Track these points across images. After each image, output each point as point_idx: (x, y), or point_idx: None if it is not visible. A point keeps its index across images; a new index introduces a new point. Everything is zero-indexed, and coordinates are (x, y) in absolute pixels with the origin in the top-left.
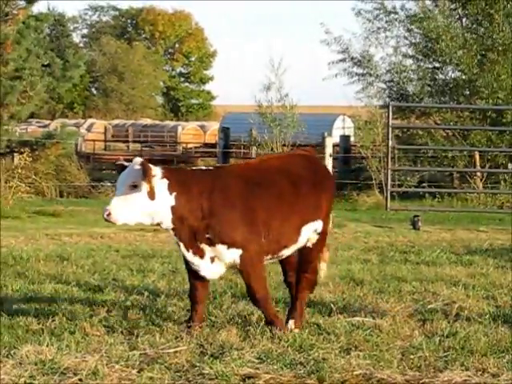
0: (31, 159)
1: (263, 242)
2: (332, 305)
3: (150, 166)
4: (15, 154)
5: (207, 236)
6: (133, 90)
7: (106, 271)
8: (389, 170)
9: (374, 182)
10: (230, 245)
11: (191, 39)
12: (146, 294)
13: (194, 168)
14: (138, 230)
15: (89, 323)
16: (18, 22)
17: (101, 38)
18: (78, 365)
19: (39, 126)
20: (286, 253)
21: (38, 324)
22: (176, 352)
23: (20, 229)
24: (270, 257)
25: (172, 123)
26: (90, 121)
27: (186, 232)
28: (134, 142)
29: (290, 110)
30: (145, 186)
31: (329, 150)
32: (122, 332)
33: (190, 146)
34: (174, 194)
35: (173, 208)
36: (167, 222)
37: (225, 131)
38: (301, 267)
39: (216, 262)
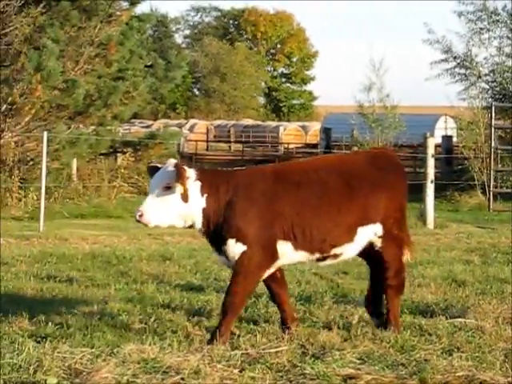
0: (134, 159)
1: (276, 252)
2: (434, 306)
3: (185, 167)
4: (118, 154)
5: (223, 233)
6: (235, 91)
7: (207, 271)
8: (491, 171)
9: (476, 182)
10: (238, 239)
11: (293, 40)
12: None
13: (228, 169)
14: None
15: (191, 323)
16: (121, 23)
17: (203, 39)
18: (180, 364)
19: (142, 127)
20: (338, 251)
21: (141, 323)
22: (277, 352)
23: (123, 228)
24: (318, 255)
25: (274, 123)
26: (192, 121)
27: (212, 233)
28: (236, 142)
29: (391, 110)
30: (179, 188)
31: (431, 150)
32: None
33: (291, 146)
34: (206, 195)
35: (204, 210)
36: (198, 224)
37: (326, 131)
38: (382, 275)
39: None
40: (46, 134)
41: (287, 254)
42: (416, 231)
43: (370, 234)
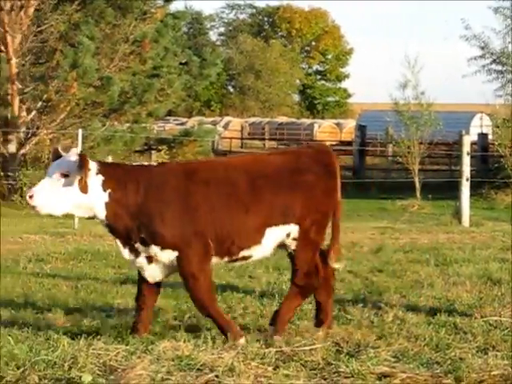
0: (168, 156)
1: (209, 244)
2: (469, 304)
3: (88, 159)
4: (153, 152)
5: (141, 236)
6: (269, 88)
7: (241, 268)
8: None
9: None
10: (164, 246)
11: (328, 37)
12: (282, 292)
13: (135, 164)
14: None
15: None
16: (155, 20)
17: (238, 36)
18: (215, 361)
19: (177, 124)
20: (247, 254)
21: (175, 320)
22: (312, 350)
23: None
24: (227, 258)
25: (308, 121)
26: (226, 119)
27: (121, 230)
28: (270, 139)
29: (427, 107)
30: (76, 178)
31: (466, 148)
32: (257, 329)
33: (325, 143)
34: (109, 190)
35: (107, 205)
36: (101, 217)
37: (361, 129)
38: (292, 274)
39: (154, 263)
40: (80, 131)
41: None
42: (451, 229)
43: (280, 235)
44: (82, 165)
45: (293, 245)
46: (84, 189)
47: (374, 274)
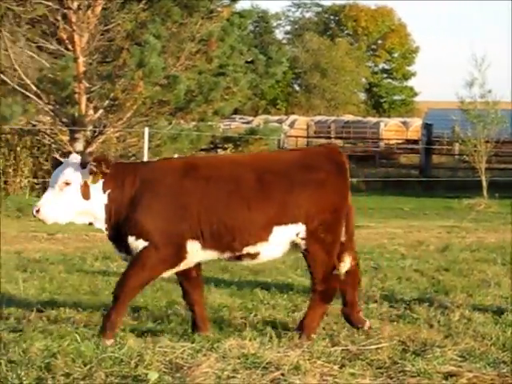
0: None
1: (183, 248)
2: None
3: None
4: (219, 150)
5: (123, 229)
6: (335, 87)
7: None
8: None
9: None
10: (138, 235)
11: (394, 35)
12: None
13: (134, 162)
14: None
15: (291, 318)
16: (222, 19)
17: (304, 35)
18: (280, 360)
19: (242, 123)
20: (252, 251)
21: (241, 318)
22: (378, 349)
23: None
24: (229, 254)
25: (374, 119)
26: (292, 117)
27: (115, 229)
28: (336, 138)
29: (493, 106)
30: (79, 185)
31: None
32: (323, 328)
33: (392, 142)
34: (108, 191)
35: (106, 206)
36: (100, 221)
37: (427, 127)
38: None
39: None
40: (147, 129)
41: (195, 252)
42: None
43: (290, 234)
44: (98, 169)
45: (303, 244)
46: (86, 194)
47: (441, 272)
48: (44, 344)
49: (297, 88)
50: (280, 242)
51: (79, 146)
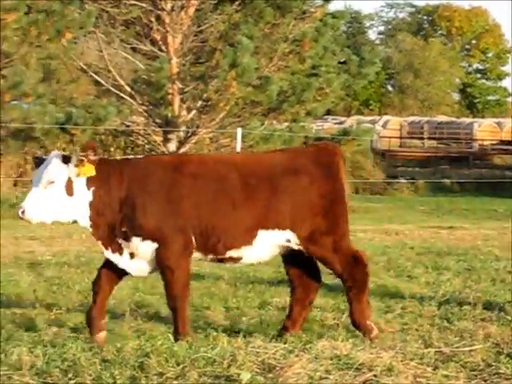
0: None
1: (190, 239)
2: None
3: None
4: None
5: (123, 230)
6: (428, 87)
7: (400, 268)
8: None
9: None
10: (145, 237)
11: (488, 35)
12: (441, 291)
13: (120, 158)
14: (432, 228)
15: (383, 319)
16: (315, 19)
17: (397, 35)
18: (373, 361)
19: (335, 123)
20: (235, 255)
21: (333, 319)
22: (471, 351)
23: None
24: (212, 256)
25: (468, 120)
26: (385, 117)
27: (104, 228)
28: (430, 138)
29: None
30: (63, 182)
31: None
32: (416, 329)
33: (485, 143)
34: (92, 188)
35: (91, 204)
36: (85, 219)
37: None
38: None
39: (137, 258)
40: (239, 130)
41: None
42: None
43: (278, 239)
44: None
45: (303, 249)
46: (69, 191)
47: None
48: (137, 343)
49: (390, 88)
50: (266, 247)
51: (172, 146)
